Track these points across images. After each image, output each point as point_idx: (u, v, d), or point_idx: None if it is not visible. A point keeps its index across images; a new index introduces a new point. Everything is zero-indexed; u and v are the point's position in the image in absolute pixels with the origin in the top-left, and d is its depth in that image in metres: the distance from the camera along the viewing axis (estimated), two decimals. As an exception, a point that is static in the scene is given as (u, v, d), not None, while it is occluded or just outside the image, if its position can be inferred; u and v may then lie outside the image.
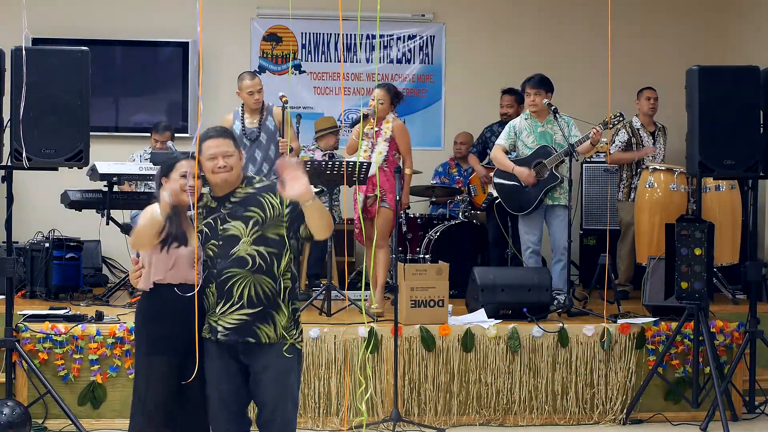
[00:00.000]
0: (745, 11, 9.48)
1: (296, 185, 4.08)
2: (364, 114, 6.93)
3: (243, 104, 7.46)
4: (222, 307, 4.29)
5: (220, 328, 4.29)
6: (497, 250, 8.40)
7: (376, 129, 7.05)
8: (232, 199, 4.34)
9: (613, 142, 8.21)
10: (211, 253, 4.31)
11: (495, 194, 8.22)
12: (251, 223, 4.28)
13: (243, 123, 7.36)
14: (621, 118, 7.38)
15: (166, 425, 4.45)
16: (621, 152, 8.17)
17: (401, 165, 7.05)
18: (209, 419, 4.42)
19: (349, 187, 6.98)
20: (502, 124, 8.46)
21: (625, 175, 8.25)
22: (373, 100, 7.07)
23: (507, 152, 7.52)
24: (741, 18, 9.53)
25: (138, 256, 4.51)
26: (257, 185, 4.39)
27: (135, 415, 4.52)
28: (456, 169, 9.10)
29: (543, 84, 7.42)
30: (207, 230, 4.34)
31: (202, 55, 9.35)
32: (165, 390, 4.41)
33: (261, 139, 7.36)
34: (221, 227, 4.31)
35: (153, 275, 4.43)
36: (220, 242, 4.30)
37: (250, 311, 4.26)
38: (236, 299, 4.27)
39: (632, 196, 8.14)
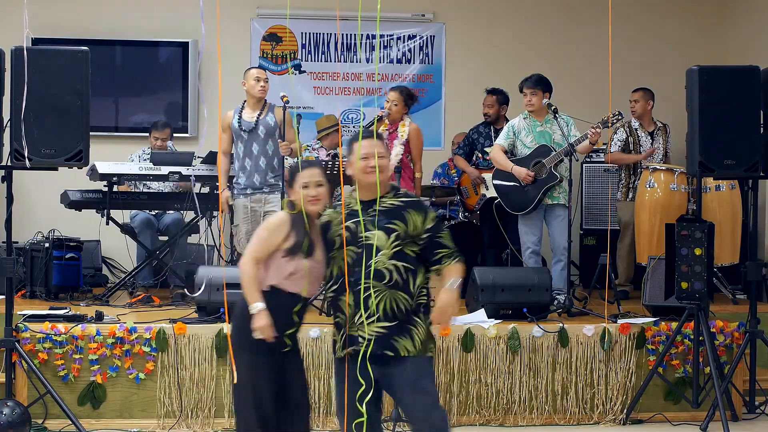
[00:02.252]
0: (745, 11, 9.48)
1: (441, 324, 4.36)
2: (378, 116, 7.21)
3: (244, 101, 7.43)
4: (359, 318, 4.24)
5: (359, 339, 4.25)
6: (493, 252, 8.40)
7: (390, 131, 7.28)
8: (377, 207, 4.29)
9: (612, 141, 8.23)
10: (349, 259, 4.26)
11: (488, 195, 8.23)
12: (393, 236, 4.24)
13: (240, 116, 7.36)
14: (620, 117, 7.38)
15: (274, 426, 4.40)
16: (620, 153, 8.17)
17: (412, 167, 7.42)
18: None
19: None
20: (487, 124, 8.49)
21: (623, 175, 8.26)
22: (387, 102, 7.29)
23: (506, 152, 7.53)
24: (741, 18, 9.53)
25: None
26: (402, 198, 4.35)
27: (242, 416, 4.42)
28: (455, 169, 9.09)
29: (540, 84, 7.43)
30: (348, 234, 4.29)
31: (202, 55, 9.35)
32: (271, 390, 4.35)
33: (258, 132, 7.32)
34: (362, 234, 4.27)
35: (269, 278, 4.36)
36: (360, 249, 4.25)
37: (387, 324, 4.23)
38: (373, 311, 4.23)
39: (630, 196, 8.16)
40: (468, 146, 8.53)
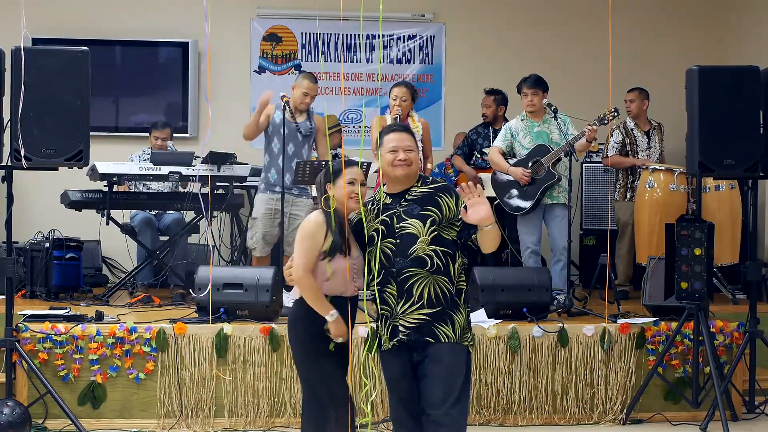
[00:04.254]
0: (745, 11, 9.48)
1: (479, 211, 4.18)
2: (396, 116, 7.29)
3: (288, 100, 7.38)
4: (402, 306, 4.27)
5: (401, 328, 4.27)
6: (492, 253, 8.37)
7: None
8: (408, 197, 4.33)
9: (609, 144, 8.23)
10: (388, 251, 4.29)
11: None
12: (429, 222, 4.27)
13: (284, 114, 7.24)
14: (616, 114, 7.39)
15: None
16: (619, 156, 8.18)
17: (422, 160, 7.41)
18: (393, 427, 4.40)
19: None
20: (486, 125, 8.50)
21: (621, 176, 8.27)
22: (394, 99, 7.29)
23: (504, 154, 7.54)
24: (741, 18, 9.53)
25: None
26: (431, 185, 4.39)
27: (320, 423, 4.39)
28: (452, 169, 9.09)
29: (539, 84, 7.45)
30: (383, 228, 4.31)
31: (202, 55, 9.36)
32: (342, 387, 4.34)
33: (297, 134, 7.33)
34: (398, 225, 4.29)
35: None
36: (398, 240, 4.28)
37: (430, 311, 4.26)
38: (416, 299, 4.26)
39: (629, 196, 8.16)
40: (467, 147, 8.55)
